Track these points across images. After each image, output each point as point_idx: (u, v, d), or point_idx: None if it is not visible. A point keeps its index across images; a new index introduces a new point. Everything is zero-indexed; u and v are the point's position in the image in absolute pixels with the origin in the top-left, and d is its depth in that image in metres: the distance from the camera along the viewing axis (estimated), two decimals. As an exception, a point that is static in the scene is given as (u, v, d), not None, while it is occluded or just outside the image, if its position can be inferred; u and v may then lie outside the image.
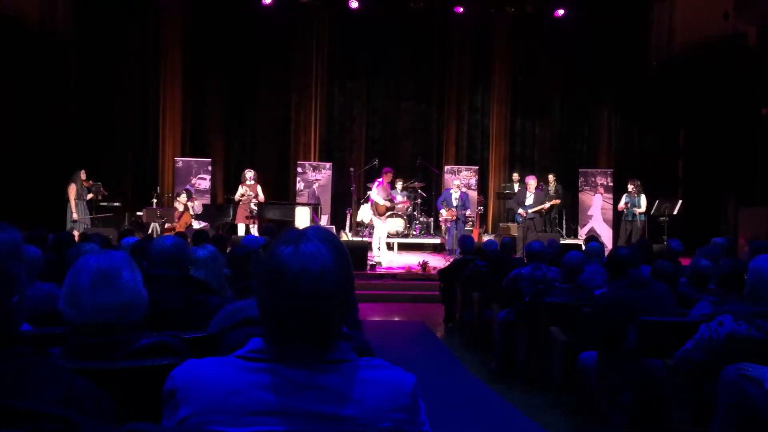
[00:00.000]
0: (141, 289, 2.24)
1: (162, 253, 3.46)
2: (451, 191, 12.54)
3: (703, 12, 13.41)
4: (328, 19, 15.61)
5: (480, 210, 14.21)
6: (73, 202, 12.28)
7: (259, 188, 13.10)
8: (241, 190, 12.99)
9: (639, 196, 13.04)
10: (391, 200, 12.45)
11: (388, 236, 13.27)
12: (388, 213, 12.45)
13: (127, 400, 1.96)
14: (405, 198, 13.87)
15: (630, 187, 13.09)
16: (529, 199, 12.27)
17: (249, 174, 13.19)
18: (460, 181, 13.15)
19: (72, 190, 12.28)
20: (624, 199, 13.25)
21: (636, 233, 12.98)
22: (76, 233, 10.81)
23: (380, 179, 12.71)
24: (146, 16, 15.04)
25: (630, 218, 13.09)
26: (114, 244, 7.69)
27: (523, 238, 11.69)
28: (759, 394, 3.17)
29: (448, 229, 12.41)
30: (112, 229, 11.72)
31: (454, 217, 12.26)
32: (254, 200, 12.86)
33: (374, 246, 12.60)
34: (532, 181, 12.52)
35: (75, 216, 12.25)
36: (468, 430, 5.11)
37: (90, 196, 12.84)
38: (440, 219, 12.82)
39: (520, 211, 12.23)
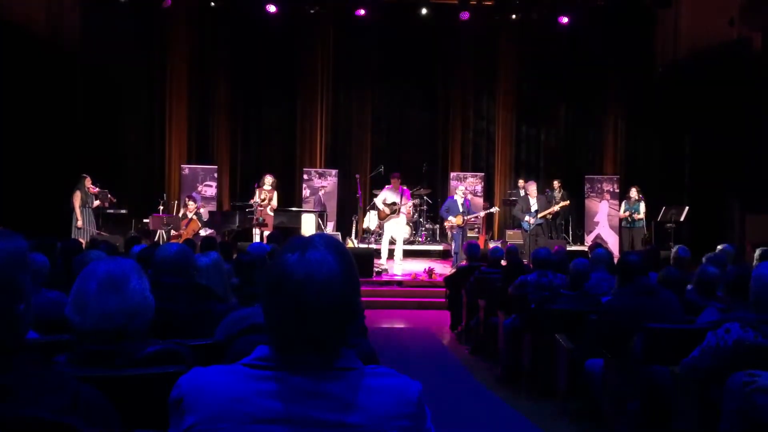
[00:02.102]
0: (148, 296, 2.25)
1: (167, 261, 3.46)
2: (456, 198, 12.51)
3: (709, 18, 13.39)
4: (334, 26, 15.65)
5: (493, 209, 14.10)
6: (77, 210, 12.35)
7: (275, 194, 13.17)
8: (260, 195, 13.03)
9: (639, 203, 13.04)
10: (394, 203, 12.41)
11: (394, 243, 13.22)
12: (390, 216, 12.42)
13: (134, 408, 1.96)
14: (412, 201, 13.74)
15: (632, 193, 13.08)
16: (534, 205, 12.22)
17: (268, 179, 13.27)
18: (465, 187, 13.12)
19: (77, 198, 12.35)
20: (623, 206, 13.25)
21: (637, 239, 12.98)
22: (81, 241, 10.87)
23: (388, 185, 12.74)
24: (152, 24, 15.10)
25: (632, 225, 13.08)
26: (121, 251, 7.72)
27: (534, 244, 11.62)
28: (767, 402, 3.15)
29: (454, 236, 12.38)
30: (119, 236, 11.76)
31: (463, 223, 12.23)
32: (269, 206, 12.91)
33: (383, 252, 12.57)
34: (532, 187, 12.47)
35: (79, 224, 12.32)
36: (474, 438, 5.10)
37: (97, 203, 12.88)
38: (447, 226, 12.76)
39: (527, 218, 12.16)
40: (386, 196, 12.52)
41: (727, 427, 3.28)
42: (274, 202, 13.21)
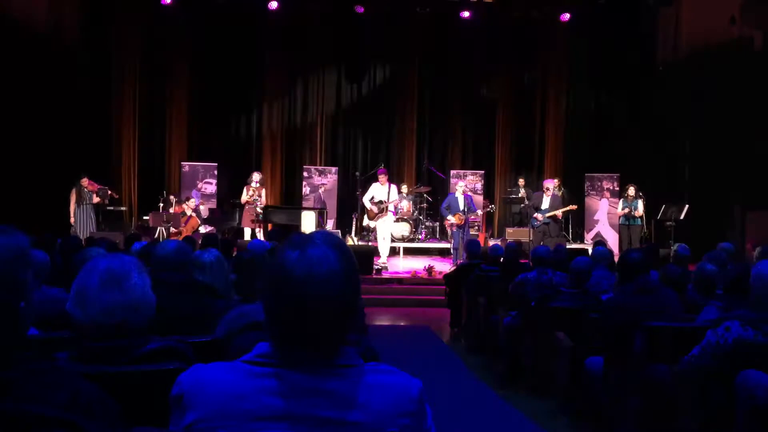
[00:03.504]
0: (149, 292, 2.24)
1: (166, 258, 3.46)
2: (456, 195, 12.51)
3: (710, 16, 13.38)
4: (334, 23, 15.63)
5: (491, 208, 14.12)
6: (71, 207, 12.49)
7: (263, 191, 13.18)
8: (248, 192, 13.01)
9: (637, 200, 13.05)
10: (381, 201, 12.40)
11: (394, 240, 13.26)
12: (379, 214, 12.41)
13: (134, 404, 1.96)
14: (402, 197, 13.69)
15: (630, 191, 13.10)
16: (545, 204, 12.25)
17: (256, 177, 13.24)
18: (465, 184, 13.14)
19: (72, 196, 12.47)
20: (621, 204, 13.26)
21: (635, 237, 12.99)
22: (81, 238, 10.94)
23: (376, 181, 12.74)
24: (153, 21, 15.09)
25: (629, 222, 13.10)
26: (121, 248, 7.72)
27: (540, 242, 11.64)
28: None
29: (453, 234, 12.40)
30: (119, 233, 11.77)
31: (462, 222, 12.23)
32: (260, 204, 12.92)
33: (380, 251, 12.58)
34: (550, 185, 12.48)
35: (71, 220, 12.47)
36: (474, 436, 5.10)
37: (97, 200, 12.92)
38: (446, 224, 12.80)
39: (537, 215, 12.22)
40: (374, 193, 12.52)
41: (740, 423, 3.27)
42: (263, 199, 13.18)
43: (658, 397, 4.06)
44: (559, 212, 12.39)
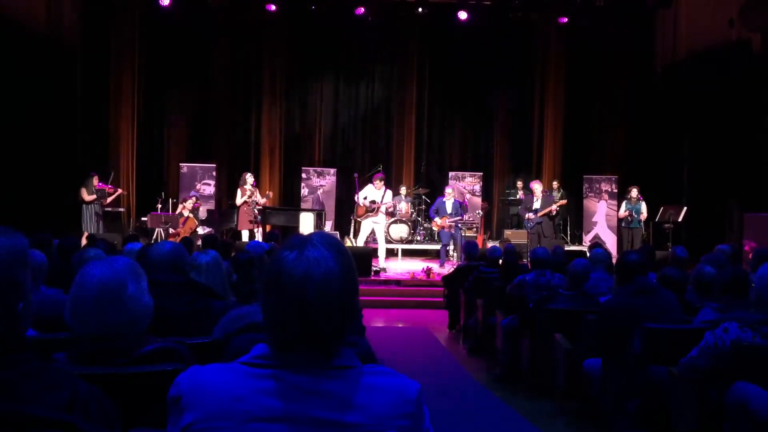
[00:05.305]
0: (146, 301, 2.23)
1: (161, 259, 3.45)
2: (444, 199, 12.69)
3: (708, 19, 13.39)
4: (333, 24, 15.63)
5: (479, 213, 14.20)
6: (90, 199, 12.50)
7: (257, 192, 13.19)
8: (244, 194, 12.98)
9: (639, 203, 13.05)
10: (374, 201, 12.40)
11: (392, 242, 13.26)
12: (368, 214, 12.42)
13: (132, 405, 1.96)
14: (401, 198, 13.77)
15: (633, 193, 13.08)
16: (537, 204, 12.30)
17: (251, 179, 13.22)
18: (453, 191, 13.29)
19: (84, 193, 12.47)
20: (624, 206, 13.24)
21: (637, 240, 12.99)
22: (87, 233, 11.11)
23: (371, 184, 12.78)
24: (153, 22, 15.08)
25: (634, 225, 13.08)
26: (119, 249, 7.71)
27: (537, 242, 11.68)
28: None
29: (441, 234, 12.71)
30: (117, 234, 11.76)
31: (447, 226, 12.47)
32: (258, 205, 12.93)
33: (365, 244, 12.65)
34: (537, 186, 12.55)
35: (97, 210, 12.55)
36: (472, 437, 5.10)
37: (107, 200, 12.98)
38: (434, 226, 13.09)
39: (529, 215, 12.27)
40: (368, 193, 12.52)
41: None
42: (259, 199, 13.19)
43: (656, 399, 4.07)
44: (553, 207, 12.38)
